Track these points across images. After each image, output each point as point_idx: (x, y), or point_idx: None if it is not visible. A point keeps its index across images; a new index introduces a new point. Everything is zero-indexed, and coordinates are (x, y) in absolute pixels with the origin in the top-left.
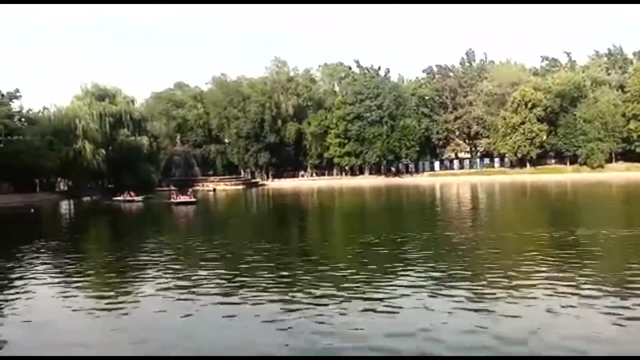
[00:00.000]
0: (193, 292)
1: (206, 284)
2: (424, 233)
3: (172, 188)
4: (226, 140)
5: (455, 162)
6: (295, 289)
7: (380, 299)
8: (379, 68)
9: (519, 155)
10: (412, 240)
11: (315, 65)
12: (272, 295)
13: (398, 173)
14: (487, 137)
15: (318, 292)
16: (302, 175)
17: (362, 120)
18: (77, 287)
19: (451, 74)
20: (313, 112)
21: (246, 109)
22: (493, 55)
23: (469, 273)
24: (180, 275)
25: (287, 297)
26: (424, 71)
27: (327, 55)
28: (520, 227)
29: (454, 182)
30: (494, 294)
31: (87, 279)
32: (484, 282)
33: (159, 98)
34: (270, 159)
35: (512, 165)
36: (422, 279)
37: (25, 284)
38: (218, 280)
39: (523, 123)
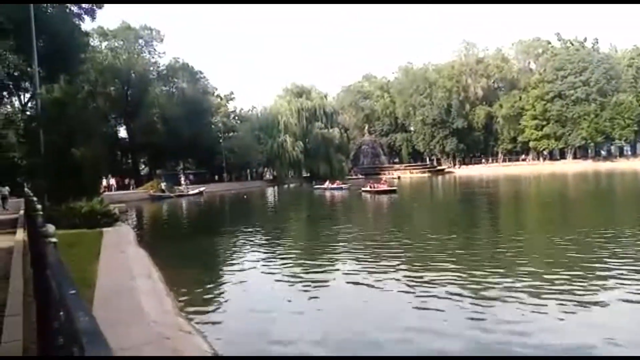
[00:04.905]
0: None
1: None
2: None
3: (360, 176)
4: (411, 128)
5: None
6: (491, 286)
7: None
8: (585, 39)
9: None
10: (629, 237)
11: (508, 44)
12: (463, 291)
13: (609, 157)
14: None
15: (517, 292)
16: (493, 161)
17: (564, 99)
18: (294, 270)
19: None
20: (505, 93)
21: (432, 95)
22: None
23: None
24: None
25: (479, 293)
26: None
27: (522, 32)
28: None
29: None
30: None
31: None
32: None
33: (348, 91)
34: (457, 145)
35: None
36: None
37: (246, 266)
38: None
39: None
